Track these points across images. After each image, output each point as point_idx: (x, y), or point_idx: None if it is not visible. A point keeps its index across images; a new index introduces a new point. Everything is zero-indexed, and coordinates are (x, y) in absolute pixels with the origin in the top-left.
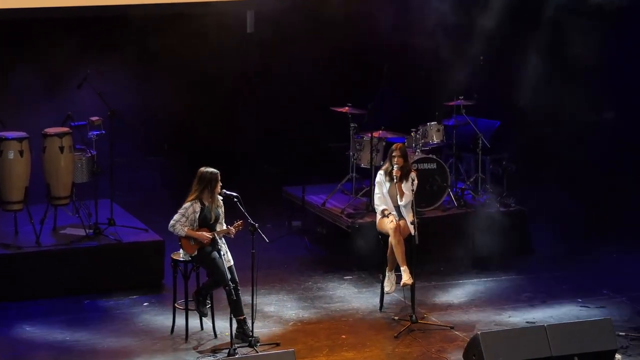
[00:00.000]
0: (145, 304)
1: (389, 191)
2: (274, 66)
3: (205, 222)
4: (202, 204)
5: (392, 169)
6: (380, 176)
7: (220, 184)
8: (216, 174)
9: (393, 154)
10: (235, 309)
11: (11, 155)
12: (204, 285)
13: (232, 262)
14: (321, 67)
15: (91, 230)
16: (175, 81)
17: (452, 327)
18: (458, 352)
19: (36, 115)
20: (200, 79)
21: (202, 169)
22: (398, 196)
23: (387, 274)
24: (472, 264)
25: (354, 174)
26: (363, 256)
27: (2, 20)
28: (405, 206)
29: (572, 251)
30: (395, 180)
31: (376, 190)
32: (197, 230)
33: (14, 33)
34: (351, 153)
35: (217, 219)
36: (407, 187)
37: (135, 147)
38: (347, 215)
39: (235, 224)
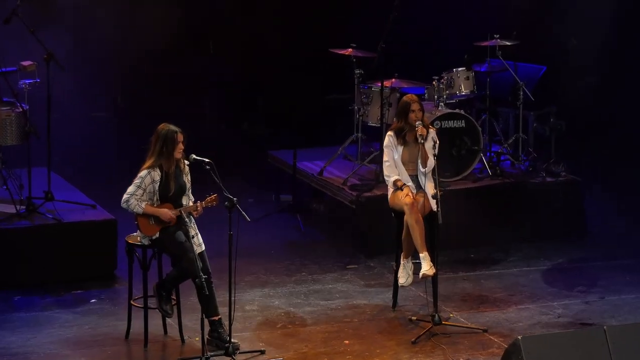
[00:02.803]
0: (93, 300)
1: (403, 157)
2: None
3: (167, 194)
4: (162, 171)
5: (411, 128)
6: (389, 138)
7: (181, 145)
8: (174, 132)
9: (411, 108)
10: (208, 307)
11: None
12: (168, 277)
13: (203, 248)
14: None
15: (23, 207)
16: (130, 17)
17: (485, 330)
18: None
19: None
20: (161, 14)
21: (162, 125)
22: (420, 161)
23: (402, 263)
24: (511, 249)
25: (360, 135)
26: (371, 240)
27: None
28: (426, 175)
29: (637, 232)
30: (421, 140)
31: (385, 156)
32: (159, 206)
33: None
34: (356, 107)
35: (182, 191)
36: (428, 150)
37: (80, 100)
38: (350, 187)
39: (207, 198)
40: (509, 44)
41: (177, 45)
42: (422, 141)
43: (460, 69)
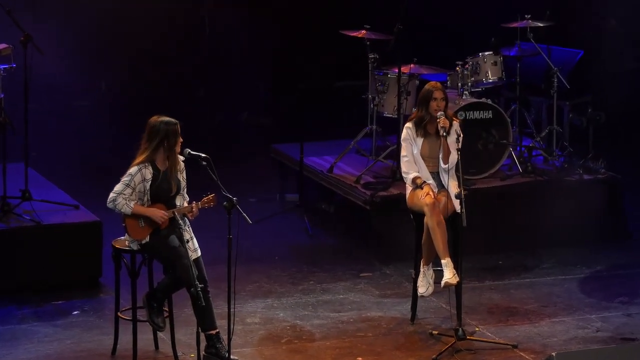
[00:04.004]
0: (76, 312)
1: (422, 151)
2: None
3: (161, 194)
4: (156, 168)
5: (432, 118)
6: (407, 131)
7: (180, 139)
8: (174, 124)
9: (433, 96)
10: (204, 319)
11: None
12: (159, 286)
13: (199, 253)
14: None
15: None
16: None
17: (515, 346)
18: None
19: None
20: None
21: (154, 118)
22: (441, 157)
23: (421, 270)
24: (544, 255)
25: (375, 127)
26: (387, 244)
27: None
28: (449, 172)
29: None
30: (443, 133)
31: (403, 151)
32: (150, 207)
33: None
34: (370, 96)
35: (177, 191)
36: (451, 144)
37: (60, 87)
38: (364, 185)
39: (204, 199)
40: (541, 25)
41: (169, 26)
42: (443, 134)
43: (487, 53)
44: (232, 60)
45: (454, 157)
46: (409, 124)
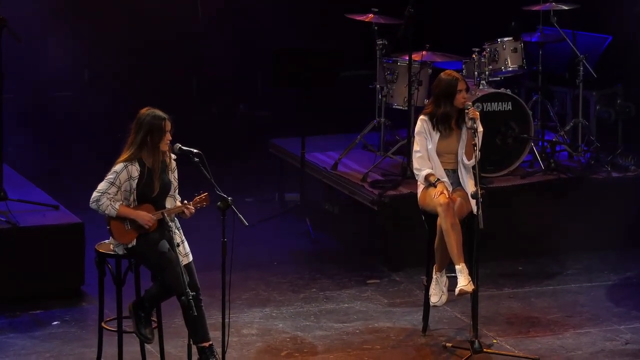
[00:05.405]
0: (56, 322)
1: (439, 147)
2: None
3: (148, 194)
4: (143, 165)
5: (456, 113)
6: (423, 124)
7: (169, 135)
8: (162, 119)
9: (459, 87)
10: (197, 330)
11: None
12: (147, 294)
13: (191, 258)
14: None
15: None
16: None
17: (537, 359)
18: None
19: None
20: None
21: (145, 109)
22: (465, 152)
23: (434, 277)
24: (568, 260)
25: (383, 119)
26: (396, 249)
27: None
28: (468, 169)
29: None
30: (474, 125)
31: (416, 146)
32: (136, 208)
33: None
34: (378, 86)
35: (166, 190)
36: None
37: (39, 76)
38: (371, 183)
39: (196, 198)
40: (566, 8)
41: (159, 8)
42: (475, 126)
43: (506, 39)
44: (227, 48)
45: (477, 153)
46: (424, 116)
